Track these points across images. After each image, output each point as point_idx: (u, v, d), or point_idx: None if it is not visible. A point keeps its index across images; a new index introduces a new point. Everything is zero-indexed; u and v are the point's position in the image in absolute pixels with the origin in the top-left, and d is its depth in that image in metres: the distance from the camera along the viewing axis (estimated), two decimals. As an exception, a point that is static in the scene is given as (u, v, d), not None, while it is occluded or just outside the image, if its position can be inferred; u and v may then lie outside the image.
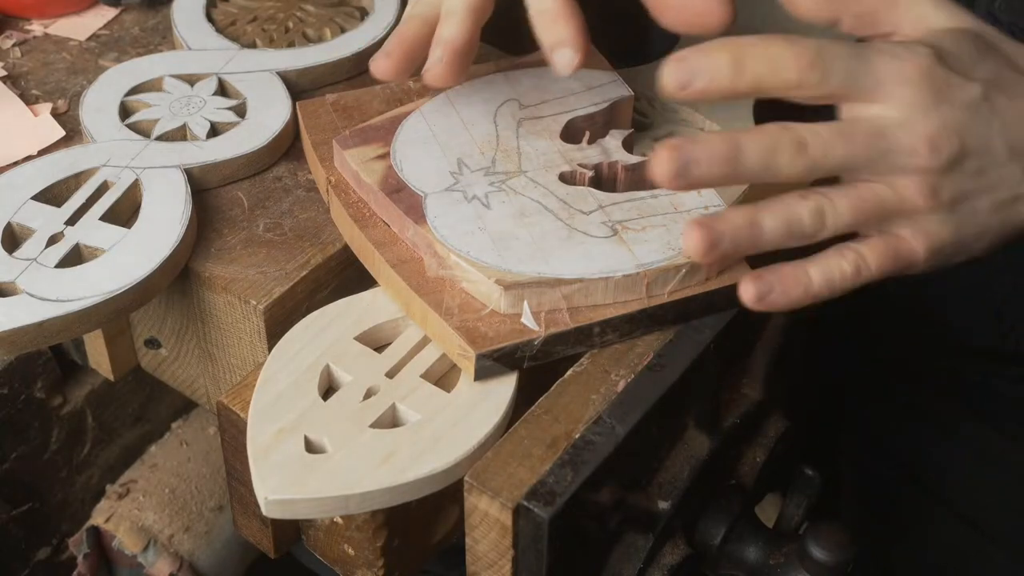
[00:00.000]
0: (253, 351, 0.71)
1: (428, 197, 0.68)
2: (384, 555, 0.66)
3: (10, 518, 0.86)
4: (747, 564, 0.68)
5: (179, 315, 0.74)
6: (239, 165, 0.77)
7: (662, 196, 0.69)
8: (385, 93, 0.78)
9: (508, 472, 0.58)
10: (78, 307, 0.66)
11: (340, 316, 0.67)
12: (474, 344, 0.62)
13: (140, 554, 0.92)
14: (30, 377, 0.83)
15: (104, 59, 0.89)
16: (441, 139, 0.72)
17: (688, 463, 0.66)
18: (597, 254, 0.65)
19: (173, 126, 0.78)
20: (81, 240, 0.70)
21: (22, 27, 0.93)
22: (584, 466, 0.58)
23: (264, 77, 0.83)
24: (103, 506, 0.93)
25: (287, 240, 0.73)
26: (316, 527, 0.68)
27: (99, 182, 0.74)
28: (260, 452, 0.60)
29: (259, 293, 0.69)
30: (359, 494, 0.59)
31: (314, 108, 0.77)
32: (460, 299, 0.64)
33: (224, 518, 0.95)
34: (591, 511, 0.60)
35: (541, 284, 0.63)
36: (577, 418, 0.61)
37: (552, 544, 0.57)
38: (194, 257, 0.71)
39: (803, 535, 0.65)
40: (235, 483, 0.67)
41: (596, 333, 0.64)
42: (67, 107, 0.84)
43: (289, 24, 0.89)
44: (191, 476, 0.95)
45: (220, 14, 0.89)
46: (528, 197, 0.68)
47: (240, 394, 0.64)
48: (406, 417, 0.63)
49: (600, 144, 0.73)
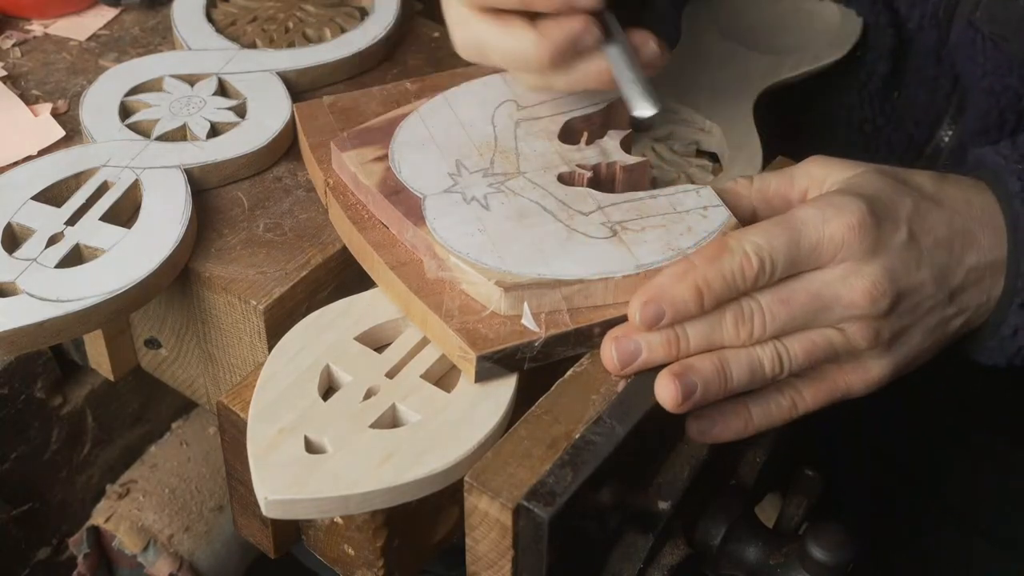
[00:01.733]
0: (253, 351, 0.71)
1: (427, 199, 0.68)
2: (384, 555, 0.66)
3: (10, 518, 0.86)
4: (747, 564, 0.68)
5: (179, 315, 0.74)
6: (239, 165, 0.77)
7: (661, 196, 0.69)
8: (383, 95, 0.78)
9: (508, 472, 0.58)
10: (78, 307, 0.66)
11: (340, 316, 0.67)
12: (474, 346, 0.62)
13: (140, 554, 0.92)
14: (30, 377, 0.83)
15: (104, 59, 0.89)
16: (439, 140, 0.72)
17: (688, 463, 0.66)
18: (597, 255, 0.65)
19: (173, 126, 0.78)
20: (81, 240, 0.70)
21: (22, 27, 0.93)
22: (584, 466, 0.58)
23: (264, 77, 0.83)
24: (103, 506, 0.93)
25: (287, 240, 0.73)
26: (316, 527, 0.68)
27: (99, 182, 0.74)
28: (260, 452, 0.60)
29: (259, 293, 0.69)
30: (359, 494, 0.59)
31: (311, 110, 0.77)
32: (460, 301, 0.64)
33: (224, 518, 0.95)
34: (591, 511, 0.60)
35: (541, 285, 0.63)
36: (577, 418, 0.61)
37: (552, 544, 0.57)
38: (194, 257, 0.71)
39: (803, 535, 0.65)
40: (235, 483, 0.67)
41: (596, 334, 0.64)
42: (67, 107, 0.84)
43: (289, 24, 0.89)
44: (191, 476, 0.95)
45: (220, 14, 0.89)
46: (527, 198, 0.68)
47: (240, 394, 0.64)
48: (406, 417, 0.63)
49: (598, 145, 0.73)
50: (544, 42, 0.67)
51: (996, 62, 0.82)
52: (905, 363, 0.67)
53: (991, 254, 0.67)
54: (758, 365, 0.63)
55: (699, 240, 0.66)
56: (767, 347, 0.63)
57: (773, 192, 0.69)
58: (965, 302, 0.67)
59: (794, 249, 0.63)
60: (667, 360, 0.62)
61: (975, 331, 0.70)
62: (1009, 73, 0.82)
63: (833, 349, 0.64)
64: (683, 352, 0.63)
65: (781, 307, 0.63)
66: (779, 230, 0.63)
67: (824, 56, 0.88)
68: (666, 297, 0.62)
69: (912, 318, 0.66)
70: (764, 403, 0.66)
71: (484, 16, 0.69)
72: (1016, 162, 0.69)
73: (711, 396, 0.62)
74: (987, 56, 0.83)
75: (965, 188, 0.69)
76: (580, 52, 0.69)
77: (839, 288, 0.63)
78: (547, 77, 0.71)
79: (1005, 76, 0.82)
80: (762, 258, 0.62)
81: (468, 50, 0.71)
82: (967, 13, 0.83)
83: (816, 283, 0.63)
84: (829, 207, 0.64)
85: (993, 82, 0.83)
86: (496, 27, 0.68)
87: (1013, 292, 0.67)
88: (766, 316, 0.63)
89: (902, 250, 0.64)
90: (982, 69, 0.83)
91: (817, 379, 0.66)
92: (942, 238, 0.66)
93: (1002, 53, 0.82)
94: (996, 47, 0.82)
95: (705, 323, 0.63)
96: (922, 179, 0.68)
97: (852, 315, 0.63)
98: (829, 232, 0.63)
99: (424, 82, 0.79)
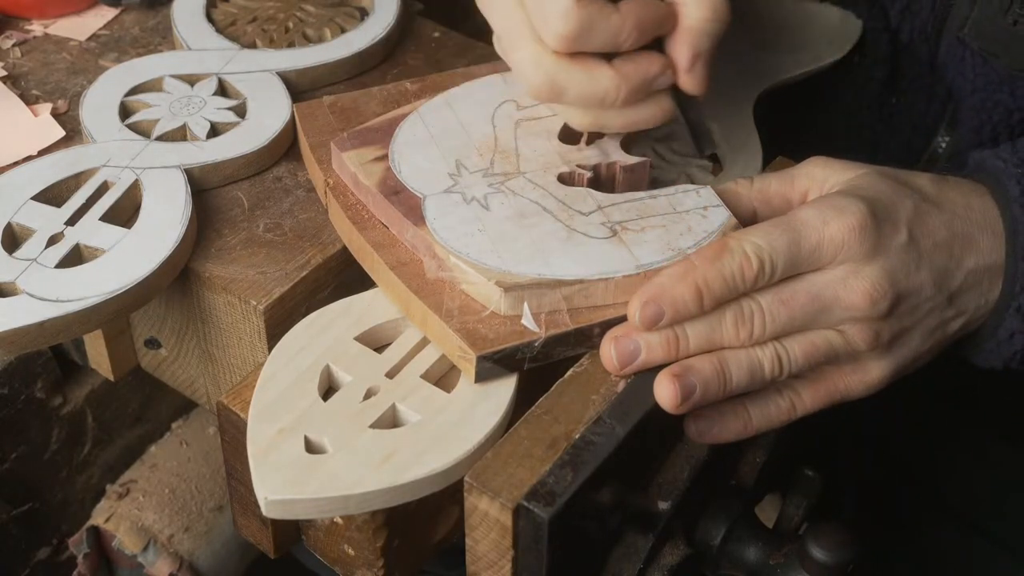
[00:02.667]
0: (253, 351, 0.71)
1: (427, 199, 0.68)
2: (384, 555, 0.66)
3: (10, 518, 0.86)
4: (747, 564, 0.68)
5: (179, 315, 0.74)
6: (239, 165, 0.77)
7: (661, 196, 0.69)
8: (383, 95, 0.78)
9: (508, 472, 0.58)
10: (78, 307, 0.66)
11: (340, 316, 0.67)
12: (474, 346, 0.62)
13: (140, 554, 0.92)
14: (30, 377, 0.83)
15: (104, 59, 0.89)
16: (439, 140, 0.72)
17: (688, 463, 0.66)
18: (597, 255, 0.65)
19: (173, 126, 0.78)
20: (81, 240, 0.70)
21: (22, 27, 0.93)
22: (584, 466, 0.58)
23: (264, 77, 0.83)
24: (103, 506, 0.93)
25: (287, 240, 0.73)
26: (316, 527, 0.68)
27: (99, 182, 0.74)
28: (260, 452, 0.60)
29: (259, 293, 0.69)
30: (359, 494, 0.59)
31: (311, 110, 0.77)
32: (460, 301, 0.64)
33: (224, 518, 0.95)
34: (591, 511, 0.60)
35: (541, 285, 0.63)
36: (577, 418, 0.61)
37: (552, 544, 0.57)
38: (194, 257, 0.71)
39: (803, 535, 0.65)
40: (235, 483, 0.67)
41: (596, 334, 0.64)
42: (67, 107, 0.84)
43: (289, 24, 0.89)
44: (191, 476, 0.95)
45: (220, 14, 0.89)
46: (527, 198, 0.68)
47: (240, 394, 0.64)
48: (406, 417, 0.63)
49: (598, 145, 0.73)
50: (623, 82, 0.66)
51: (986, 78, 0.82)
52: (904, 365, 0.67)
53: (989, 257, 0.67)
54: (758, 366, 0.63)
55: (699, 240, 0.66)
56: (767, 348, 0.63)
57: (774, 192, 0.69)
58: (964, 304, 0.68)
59: (794, 250, 0.63)
60: (667, 360, 0.63)
61: (973, 334, 0.70)
62: (999, 89, 0.82)
63: (833, 351, 0.64)
64: (683, 352, 0.63)
65: (781, 308, 0.63)
66: (779, 231, 0.63)
67: (824, 56, 0.88)
68: (666, 297, 0.62)
69: (912, 320, 0.66)
70: (763, 404, 0.66)
71: (560, 56, 0.66)
72: (1016, 166, 0.69)
73: (710, 397, 0.62)
74: (976, 72, 0.82)
75: (965, 191, 0.69)
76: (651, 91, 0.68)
77: (839, 289, 0.63)
78: (604, 115, 0.69)
79: (995, 92, 0.82)
80: (762, 259, 0.62)
81: (542, 91, 0.67)
82: (955, 29, 0.83)
83: (816, 284, 0.63)
84: (830, 208, 0.64)
85: (983, 98, 0.83)
86: (574, 67, 0.66)
87: (1010, 296, 0.68)
88: (766, 317, 0.63)
89: (902, 252, 0.64)
90: (972, 85, 0.83)
91: (816, 381, 0.67)
92: (942, 241, 0.66)
93: (992, 69, 0.82)
94: (986, 63, 0.82)
95: (705, 324, 0.63)
96: (923, 181, 0.68)
97: (852, 316, 0.64)
98: (829, 233, 0.63)
99: (424, 82, 0.79)
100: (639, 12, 0.65)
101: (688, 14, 0.66)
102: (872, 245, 0.63)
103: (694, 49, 0.66)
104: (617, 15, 0.64)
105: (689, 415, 0.64)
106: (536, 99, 0.70)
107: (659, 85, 0.67)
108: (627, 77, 0.66)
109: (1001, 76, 0.81)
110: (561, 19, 0.63)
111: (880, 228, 0.64)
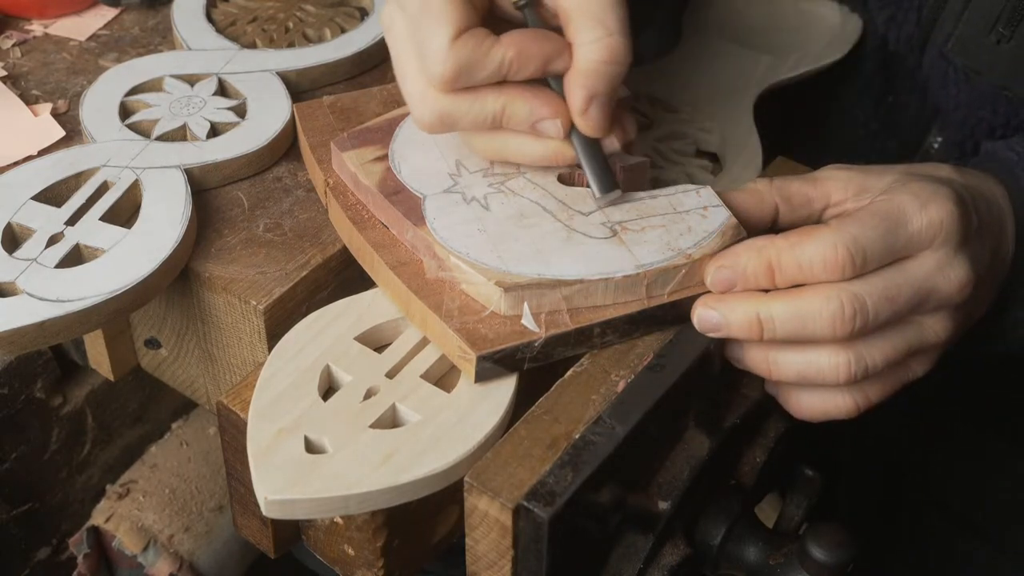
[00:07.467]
0: (253, 351, 0.71)
1: (427, 199, 0.68)
2: (384, 555, 0.66)
3: (10, 518, 0.86)
4: (747, 564, 0.68)
5: (179, 315, 0.74)
6: (239, 165, 0.77)
7: (661, 196, 0.69)
8: (383, 95, 0.78)
9: (508, 472, 0.58)
10: (78, 307, 0.66)
11: (340, 316, 0.67)
12: (474, 346, 0.62)
13: (140, 554, 0.92)
14: (30, 377, 0.83)
15: (104, 59, 0.89)
16: (439, 140, 0.72)
17: (688, 463, 0.66)
18: (597, 255, 0.65)
19: (173, 126, 0.78)
20: (81, 240, 0.70)
21: (22, 27, 0.93)
22: (584, 466, 0.58)
23: (264, 77, 0.83)
24: (103, 506, 0.93)
25: (287, 240, 0.73)
26: (316, 527, 0.68)
27: (99, 182, 0.74)
28: (260, 452, 0.60)
29: (259, 293, 0.69)
30: (359, 494, 0.59)
31: (311, 110, 0.77)
32: (460, 301, 0.64)
33: (224, 518, 0.95)
34: (591, 511, 0.60)
35: (541, 285, 0.63)
36: (577, 418, 0.61)
37: (552, 544, 0.57)
38: (194, 257, 0.71)
39: (803, 535, 0.65)
40: (235, 483, 0.67)
41: (596, 334, 0.64)
42: (67, 107, 0.84)
43: (289, 24, 0.89)
44: (191, 476, 0.95)
45: (220, 14, 0.90)
46: (527, 198, 0.68)
47: (240, 394, 0.64)
48: (406, 417, 0.63)
49: (599, 145, 0.73)
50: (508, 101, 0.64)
51: (969, 95, 0.82)
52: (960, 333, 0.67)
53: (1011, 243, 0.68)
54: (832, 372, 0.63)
55: (699, 240, 0.66)
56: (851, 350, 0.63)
57: (795, 192, 0.68)
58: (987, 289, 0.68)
59: (890, 239, 0.62)
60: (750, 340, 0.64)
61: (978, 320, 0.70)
62: (982, 107, 0.82)
63: (910, 350, 0.64)
64: (768, 337, 0.63)
65: (887, 305, 0.62)
66: (876, 220, 0.62)
67: (824, 56, 0.88)
68: (739, 265, 0.62)
69: (977, 297, 0.65)
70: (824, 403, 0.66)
71: (446, 92, 0.64)
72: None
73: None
74: (959, 88, 0.82)
75: (984, 180, 0.69)
76: None
77: (938, 280, 0.63)
78: (506, 146, 0.67)
79: (978, 110, 0.82)
80: (851, 251, 0.61)
81: (434, 126, 0.65)
82: (939, 44, 0.82)
83: (918, 277, 0.63)
84: (923, 192, 0.63)
85: (966, 115, 0.83)
86: (460, 98, 0.64)
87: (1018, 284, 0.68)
88: (869, 316, 0.62)
89: (976, 238, 0.64)
90: (955, 101, 0.83)
91: (886, 379, 0.66)
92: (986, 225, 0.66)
93: (974, 88, 0.81)
94: (968, 80, 0.81)
95: (797, 315, 0.62)
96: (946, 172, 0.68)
97: (942, 306, 0.63)
98: (929, 217, 0.62)
99: (424, 82, 0.79)
100: (521, 43, 0.63)
101: (581, 56, 0.63)
102: (965, 229, 0.63)
103: (587, 91, 0.64)
104: (499, 47, 0.63)
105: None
106: (429, 133, 0.68)
107: (546, 130, 0.65)
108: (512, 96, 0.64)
109: (984, 94, 0.81)
110: (439, 63, 0.62)
111: (967, 216, 0.63)
